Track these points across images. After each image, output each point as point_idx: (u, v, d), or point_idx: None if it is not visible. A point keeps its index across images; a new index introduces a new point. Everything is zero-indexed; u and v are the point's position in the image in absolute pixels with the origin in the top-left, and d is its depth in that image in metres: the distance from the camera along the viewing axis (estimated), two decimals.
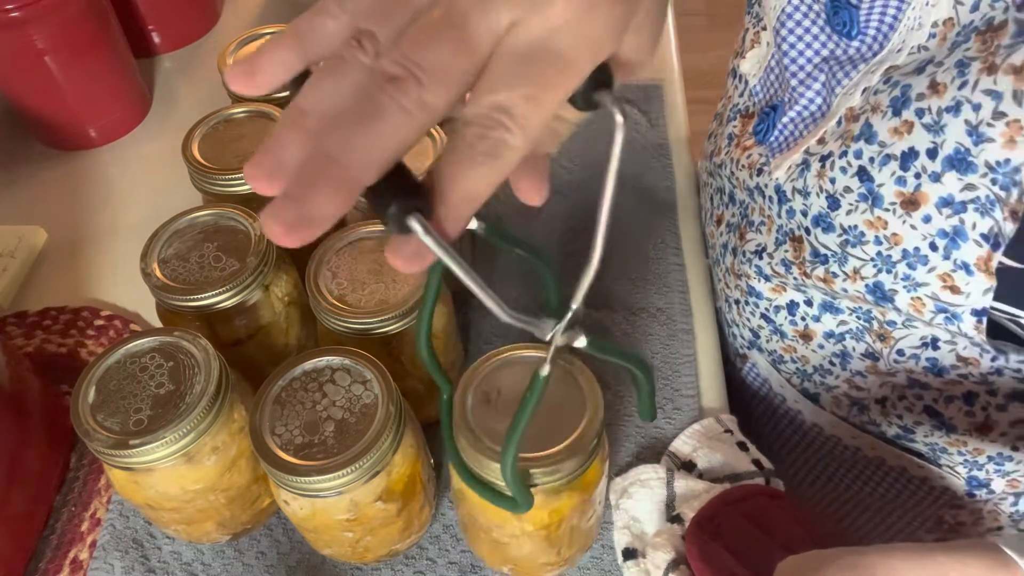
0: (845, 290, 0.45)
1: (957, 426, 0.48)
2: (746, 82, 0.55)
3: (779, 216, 0.49)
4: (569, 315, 0.32)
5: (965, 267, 0.39)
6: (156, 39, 0.81)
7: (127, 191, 0.69)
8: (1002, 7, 0.36)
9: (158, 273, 0.45)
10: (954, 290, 0.40)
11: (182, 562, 0.48)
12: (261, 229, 0.47)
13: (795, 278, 0.49)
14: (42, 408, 0.52)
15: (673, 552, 0.44)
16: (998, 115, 0.35)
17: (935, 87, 0.37)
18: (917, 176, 0.39)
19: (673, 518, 0.46)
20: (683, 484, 0.47)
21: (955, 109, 0.36)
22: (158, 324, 0.49)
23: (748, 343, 0.58)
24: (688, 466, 0.49)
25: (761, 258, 0.52)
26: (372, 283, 0.45)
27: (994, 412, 0.46)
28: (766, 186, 0.50)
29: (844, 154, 0.43)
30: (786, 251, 0.49)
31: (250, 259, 0.46)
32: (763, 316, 0.55)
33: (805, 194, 0.46)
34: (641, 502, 0.47)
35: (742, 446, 0.50)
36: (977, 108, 0.35)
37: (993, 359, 0.43)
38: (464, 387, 0.40)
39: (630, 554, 0.46)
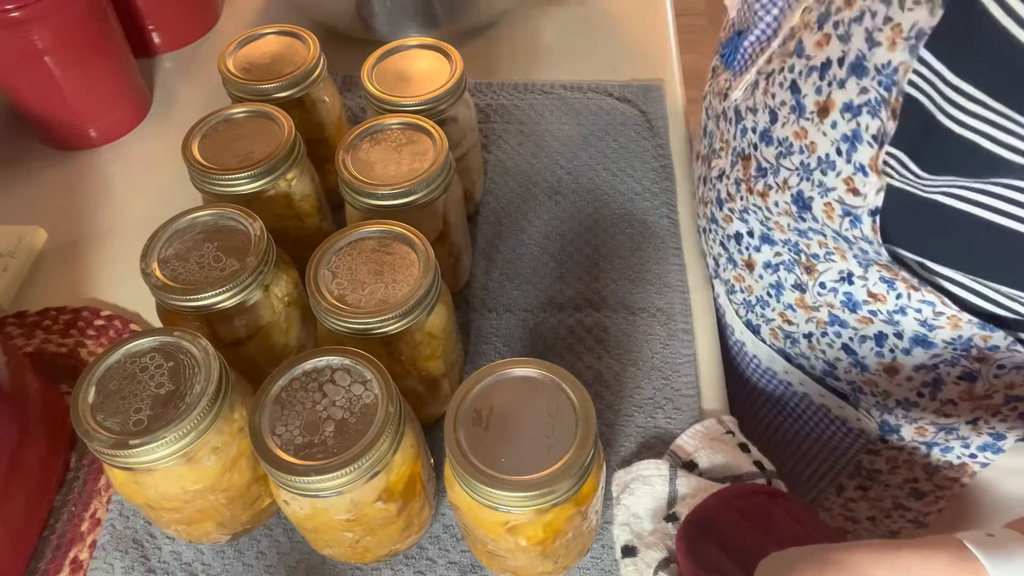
0: (776, 203, 0.49)
1: (868, 366, 0.52)
2: (729, 14, 0.58)
3: (734, 138, 0.52)
4: None
5: (862, 169, 0.42)
6: (156, 39, 0.81)
7: (127, 191, 0.69)
8: None
9: (158, 273, 0.45)
10: (855, 192, 0.43)
11: (182, 562, 0.48)
12: (261, 228, 0.47)
13: (742, 197, 0.52)
14: (42, 408, 0.52)
15: (665, 551, 0.44)
16: (887, 20, 0.38)
17: (849, 1, 0.41)
18: (829, 84, 0.42)
19: (669, 517, 0.46)
20: (685, 482, 0.47)
21: (859, 19, 0.39)
22: (158, 324, 0.49)
23: (712, 271, 0.61)
24: (689, 466, 0.49)
25: (720, 181, 0.55)
26: (372, 283, 0.45)
27: (900, 355, 0.49)
28: (728, 109, 0.53)
29: (782, 70, 0.46)
30: (738, 170, 0.52)
31: (250, 259, 0.46)
32: (721, 244, 0.58)
33: (754, 111, 0.49)
34: (642, 499, 0.47)
35: (743, 447, 0.50)
36: (874, 15, 0.38)
37: (898, 296, 0.46)
38: (455, 405, 0.40)
39: (628, 551, 0.46)
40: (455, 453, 0.38)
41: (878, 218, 0.43)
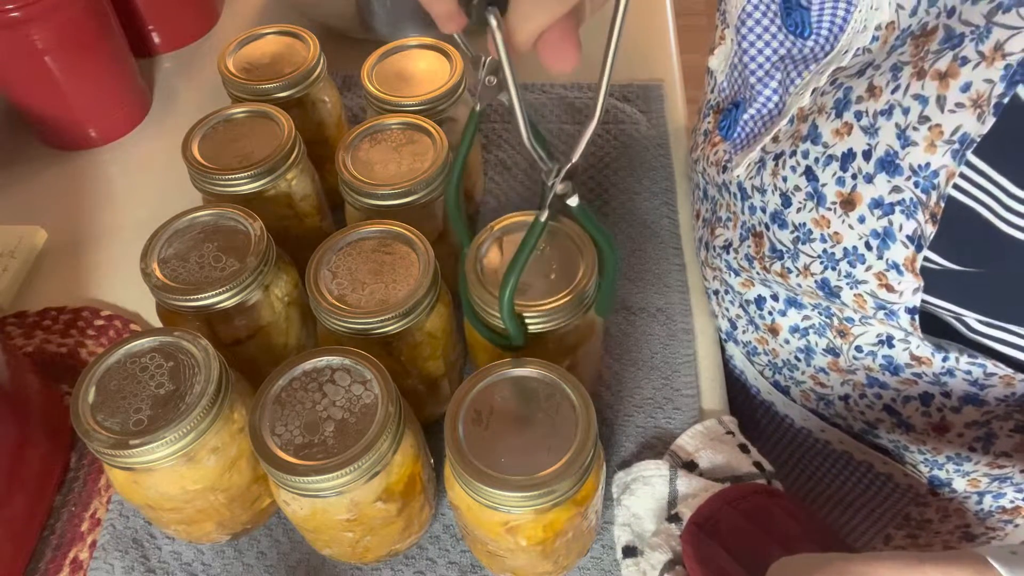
0: (799, 285, 0.46)
1: (915, 425, 0.49)
2: (716, 79, 0.56)
3: (742, 212, 0.50)
4: (569, 164, 0.37)
5: (896, 267, 0.39)
6: (156, 39, 0.81)
7: (127, 191, 0.69)
8: (935, 12, 0.36)
9: (158, 273, 0.45)
10: (889, 288, 0.40)
11: (182, 562, 0.48)
12: (261, 228, 0.47)
13: (757, 272, 0.50)
14: (42, 408, 0.52)
15: (670, 552, 0.44)
16: (923, 119, 0.35)
17: (872, 90, 0.38)
18: (854, 177, 0.39)
19: (671, 517, 0.46)
20: (685, 482, 0.47)
21: (888, 113, 0.37)
22: (158, 324, 0.49)
23: (726, 335, 0.59)
24: (689, 466, 0.49)
25: (728, 252, 0.53)
26: (372, 283, 0.45)
27: (949, 413, 0.47)
28: (730, 182, 0.51)
29: (794, 153, 0.43)
30: (749, 246, 0.50)
31: (250, 259, 0.46)
32: (741, 306, 0.55)
33: (762, 191, 0.46)
34: (643, 499, 0.47)
35: (743, 448, 0.50)
36: (906, 112, 0.36)
37: (944, 359, 0.44)
38: (455, 405, 0.40)
39: (629, 552, 0.46)
40: (455, 453, 0.38)
41: (917, 316, 0.40)
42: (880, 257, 0.40)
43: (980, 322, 0.42)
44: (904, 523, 0.57)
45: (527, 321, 0.43)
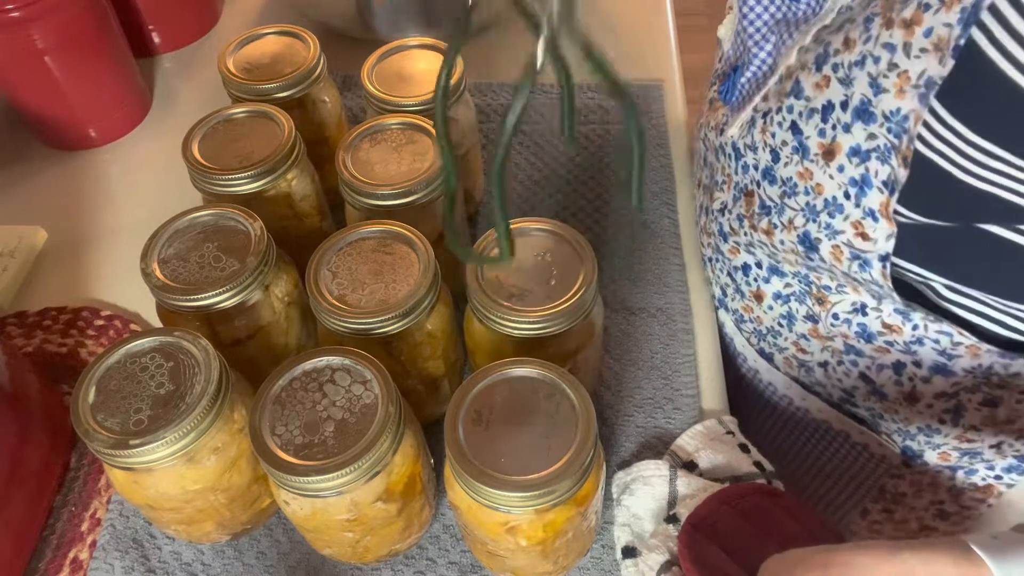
0: (782, 243, 0.48)
1: (888, 394, 0.51)
2: (723, 47, 0.58)
3: (736, 172, 0.52)
4: None
5: (872, 214, 0.41)
6: (156, 39, 0.81)
7: (127, 191, 0.69)
8: None
9: (158, 273, 0.45)
10: (864, 237, 0.42)
11: (182, 562, 0.48)
12: (261, 228, 0.47)
13: (745, 233, 0.52)
14: (42, 408, 0.52)
15: (667, 554, 0.44)
16: (892, 66, 0.37)
17: (847, 43, 0.40)
18: (834, 128, 0.41)
19: (669, 518, 0.46)
20: (685, 483, 0.47)
21: (861, 63, 0.39)
22: (158, 324, 0.49)
23: (718, 302, 0.61)
24: (689, 466, 0.49)
25: (723, 215, 0.55)
26: (372, 283, 0.45)
27: (920, 383, 0.49)
28: (726, 144, 0.53)
29: (780, 110, 0.45)
30: (740, 206, 0.51)
31: (250, 259, 0.46)
32: (729, 274, 0.58)
33: (754, 149, 0.48)
34: (643, 499, 0.47)
35: (743, 448, 0.50)
36: (877, 61, 0.38)
37: (914, 328, 0.46)
38: (455, 405, 0.40)
39: (629, 552, 0.46)
40: (455, 453, 0.38)
41: (888, 264, 0.42)
42: (857, 205, 0.41)
43: (947, 288, 0.44)
44: (880, 496, 0.59)
45: (527, 327, 0.43)
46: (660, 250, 0.62)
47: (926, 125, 0.36)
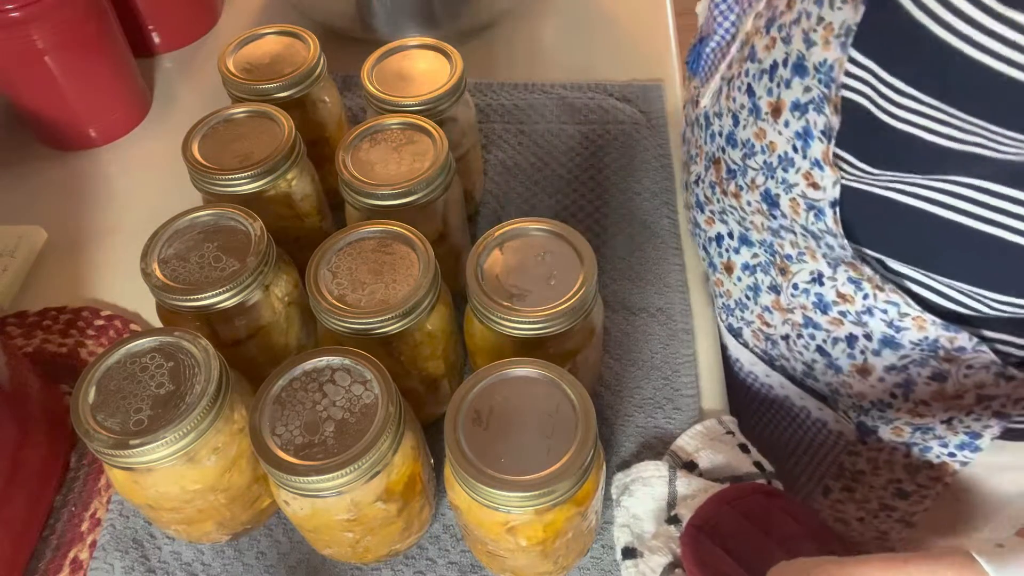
0: (749, 203, 0.50)
1: (842, 367, 0.52)
2: (699, 24, 0.60)
3: (706, 142, 0.54)
4: None
5: (817, 163, 0.43)
6: (156, 39, 0.81)
7: (127, 191, 0.69)
8: None
9: (158, 273, 0.45)
10: (815, 186, 0.44)
11: (182, 562, 0.48)
12: (261, 228, 0.47)
13: (718, 200, 0.54)
14: (42, 408, 0.52)
15: (670, 555, 0.44)
16: (819, 20, 0.39)
17: (789, 3, 0.42)
18: (778, 86, 0.44)
19: (671, 519, 0.46)
20: (684, 483, 0.47)
21: (797, 21, 0.41)
22: (158, 324, 0.49)
23: (706, 277, 0.62)
24: (689, 466, 0.49)
25: (698, 186, 0.57)
26: (372, 283, 0.45)
27: (871, 356, 0.50)
28: (700, 116, 0.55)
29: (739, 75, 0.48)
30: (711, 174, 0.54)
31: (250, 259, 0.46)
32: (704, 247, 0.60)
33: (720, 115, 0.51)
34: (642, 500, 0.47)
35: (743, 448, 0.50)
36: (809, 16, 0.40)
37: (864, 297, 0.47)
38: (455, 405, 0.40)
39: (629, 553, 0.46)
40: (455, 453, 0.38)
41: (838, 210, 0.44)
42: (805, 156, 0.44)
43: (895, 262, 0.46)
44: (840, 474, 0.61)
45: (527, 327, 0.43)
46: (660, 250, 0.62)
47: (847, 72, 0.39)
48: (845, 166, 0.42)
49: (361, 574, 0.47)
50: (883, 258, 0.46)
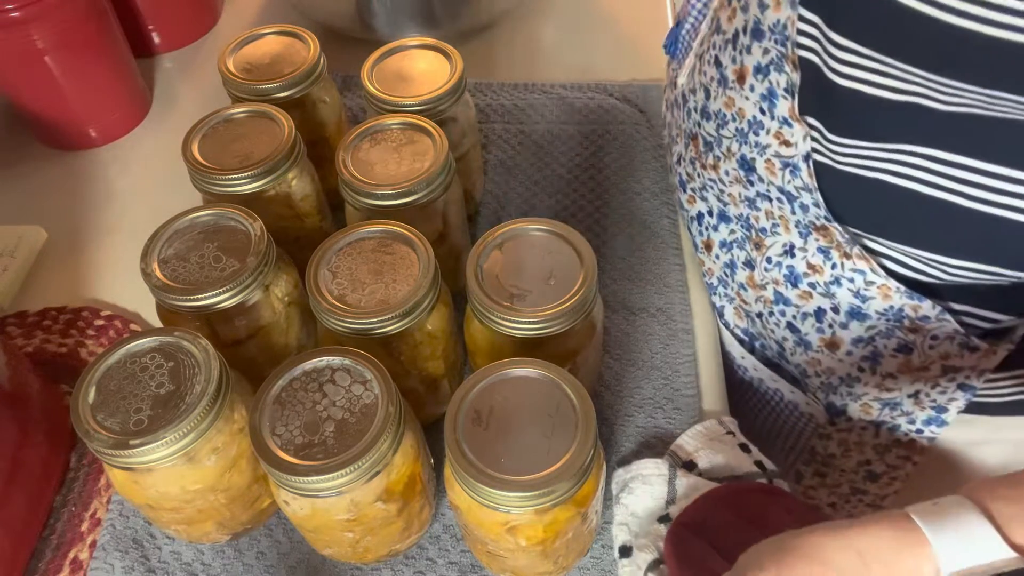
0: (727, 172, 0.51)
1: (811, 343, 0.53)
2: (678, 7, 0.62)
3: (683, 120, 0.56)
4: None
5: (785, 121, 0.45)
6: (156, 39, 0.81)
7: (127, 191, 0.69)
8: None
9: (158, 273, 0.45)
10: (786, 144, 0.45)
11: (182, 562, 0.48)
12: (261, 228, 0.47)
13: (698, 175, 0.55)
14: (42, 408, 0.52)
15: (656, 552, 0.44)
16: None
17: None
18: (740, 52, 0.46)
19: (663, 518, 0.46)
20: (684, 482, 0.47)
21: None
22: (158, 324, 0.49)
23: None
24: (689, 465, 0.49)
25: (679, 164, 0.58)
26: (372, 283, 0.45)
27: (839, 329, 0.51)
28: (678, 96, 0.56)
29: (708, 48, 0.50)
30: (691, 151, 0.55)
31: (250, 259, 0.46)
32: (687, 228, 0.61)
33: (694, 91, 0.53)
34: (641, 498, 0.47)
35: (744, 448, 0.50)
36: None
37: (833, 267, 0.48)
38: (455, 405, 0.40)
39: (625, 552, 0.46)
40: (455, 453, 0.38)
41: (811, 162, 0.45)
42: (772, 117, 0.45)
43: (862, 235, 0.47)
44: (811, 458, 0.61)
45: (527, 327, 0.43)
46: (660, 250, 0.62)
47: (799, 30, 0.41)
48: (815, 134, 0.44)
49: (361, 574, 0.47)
50: (848, 228, 0.47)
